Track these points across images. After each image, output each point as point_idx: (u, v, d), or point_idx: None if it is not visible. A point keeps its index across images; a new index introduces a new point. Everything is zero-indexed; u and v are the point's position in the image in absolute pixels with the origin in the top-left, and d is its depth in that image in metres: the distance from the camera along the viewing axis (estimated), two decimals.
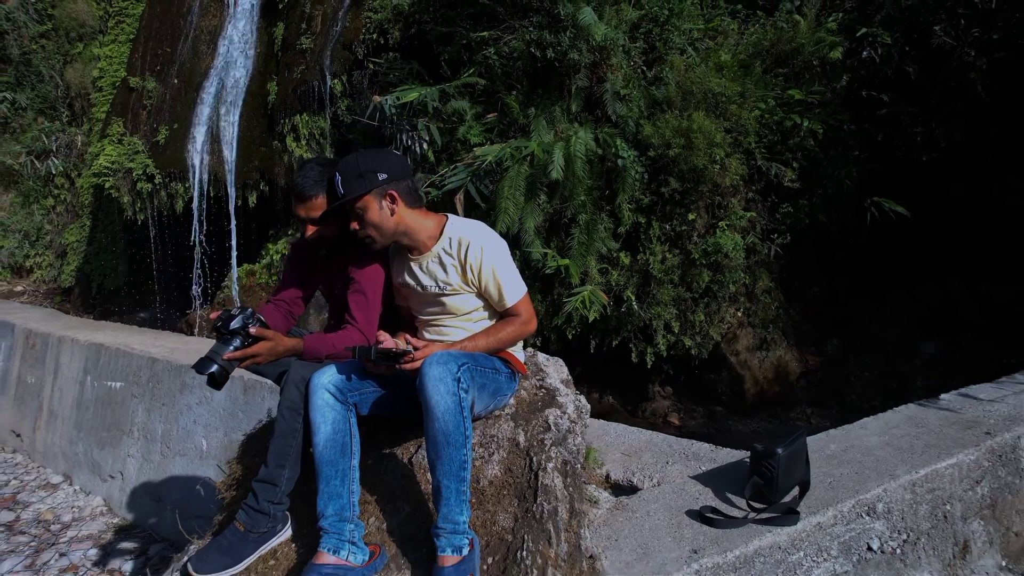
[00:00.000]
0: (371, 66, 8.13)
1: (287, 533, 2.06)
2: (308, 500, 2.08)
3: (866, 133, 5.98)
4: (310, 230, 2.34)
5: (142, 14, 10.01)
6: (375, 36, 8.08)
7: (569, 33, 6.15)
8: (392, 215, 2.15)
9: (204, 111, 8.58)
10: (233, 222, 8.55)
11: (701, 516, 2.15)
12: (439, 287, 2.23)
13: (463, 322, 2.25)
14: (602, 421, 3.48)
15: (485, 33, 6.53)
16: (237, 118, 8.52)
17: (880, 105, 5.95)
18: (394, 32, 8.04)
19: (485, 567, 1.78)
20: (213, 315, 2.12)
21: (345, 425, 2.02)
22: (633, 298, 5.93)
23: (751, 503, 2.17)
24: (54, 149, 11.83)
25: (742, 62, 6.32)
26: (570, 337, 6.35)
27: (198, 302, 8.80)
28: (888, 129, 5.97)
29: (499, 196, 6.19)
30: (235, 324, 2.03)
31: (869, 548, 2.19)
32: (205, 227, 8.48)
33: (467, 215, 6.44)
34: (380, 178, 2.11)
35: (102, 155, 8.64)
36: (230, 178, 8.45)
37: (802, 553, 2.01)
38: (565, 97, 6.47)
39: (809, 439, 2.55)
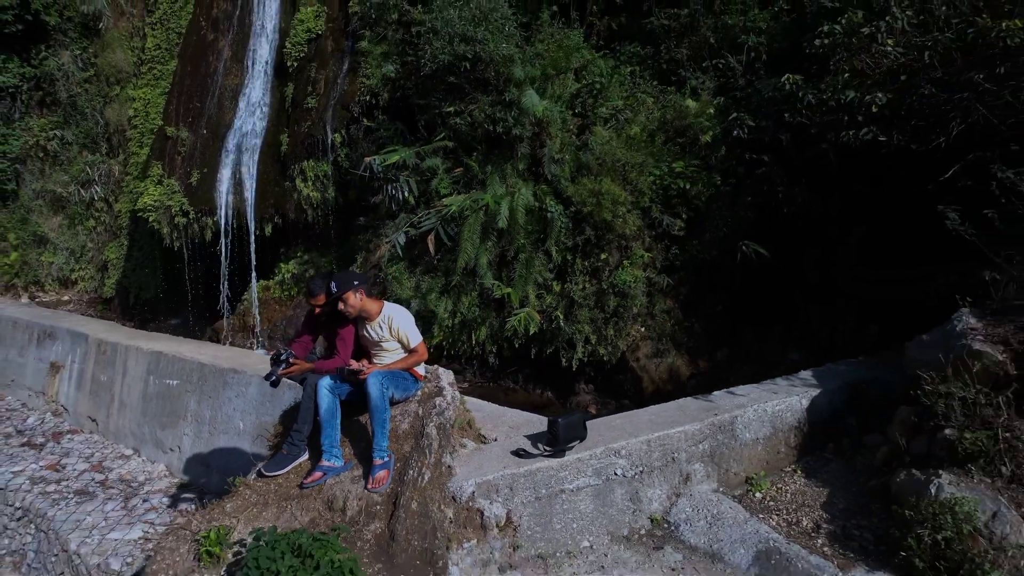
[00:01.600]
0: (365, 122, 10.00)
1: (305, 456, 3.91)
2: (314, 446, 3.95)
3: (742, 190, 7.80)
4: (317, 309, 4.22)
5: (175, 71, 11.90)
6: (368, 98, 9.91)
7: (514, 112, 8.01)
8: (359, 301, 4.00)
9: (228, 158, 10.47)
10: (253, 249, 10.45)
11: (516, 452, 3.99)
12: (379, 338, 4.11)
13: (389, 355, 4.13)
14: (504, 407, 5.39)
15: (451, 108, 8.35)
16: (255, 163, 10.42)
17: (760, 164, 7.74)
18: (383, 95, 9.87)
19: (396, 467, 3.67)
20: (271, 352, 4.00)
21: (335, 405, 3.88)
22: (561, 317, 7.81)
23: (544, 448, 4.03)
24: (95, 178, 13.72)
25: (649, 133, 8.17)
26: (516, 346, 8.24)
27: (227, 315, 10.69)
28: (762, 186, 7.77)
29: (461, 237, 8.08)
30: (283, 356, 3.91)
31: (615, 473, 4.06)
32: (229, 254, 10.38)
33: (436, 252, 8.37)
34: (354, 284, 3.95)
35: (146, 194, 10.55)
36: (250, 213, 10.35)
37: (566, 472, 3.87)
38: (514, 158, 8.33)
39: (608, 416, 4.44)
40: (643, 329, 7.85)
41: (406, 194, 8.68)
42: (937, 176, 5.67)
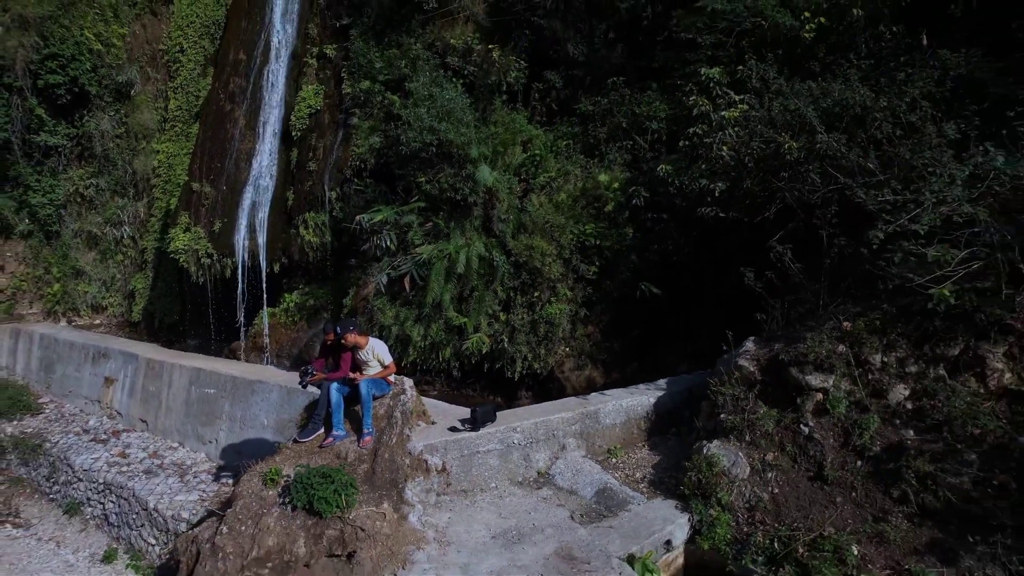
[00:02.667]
0: (356, 183, 12.47)
1: (321, 430, 6.28)
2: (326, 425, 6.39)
3: (646, 242, 10.31)
4: (328, 341, 6.64)
5: (197, 135, 14.36)
6: (358, 163, 12.40)
7: (470, 183, 10.51)
8: (354, 338, 6.42)
9: (244, 210, 12.91)
10: (264, 283, 12.87)
11: (450, 428, 6.42)
12: (366, 359, 6.55)
13: (372, 369, 6.55)
14: (450, 404, 7.84)
15: (423, 178, 10.82)
16: (267, 215, 12.86)
17: (660, 222, 10.27)
18: (370, 161, 12.34)
19: (376, 435, 6.10)
20: (300, 368, 6.43)
21: (340, 399, 6.28)
22: (506, 340, 10.27)
23: (467, 426, 6.48)
24: (124, 219, 16.10)
25: (573, 199, 10.71)
26: (473, 362, 10.69)
27: (243, 337, 13.06)
28: (659, 240, 10.29)
29: (430, 279, 10.54)
30: (309, 370, 6.33)
31: (513, 442, 6.52)
32: (245, 290, 12.78)
33: (411, 289, 10.81)
34: (350, 328, 6.38)
35: (176, 239, 12.95)
36: (262, 255, 12.77)
37: (480, 441, 6.30)
38: (471, 217, 10.81)
39: (517, 408, 6.93)
40: (567, 349, 10.34)
41: (388, 243, 11.11)
42: (763, 240, 8.15)
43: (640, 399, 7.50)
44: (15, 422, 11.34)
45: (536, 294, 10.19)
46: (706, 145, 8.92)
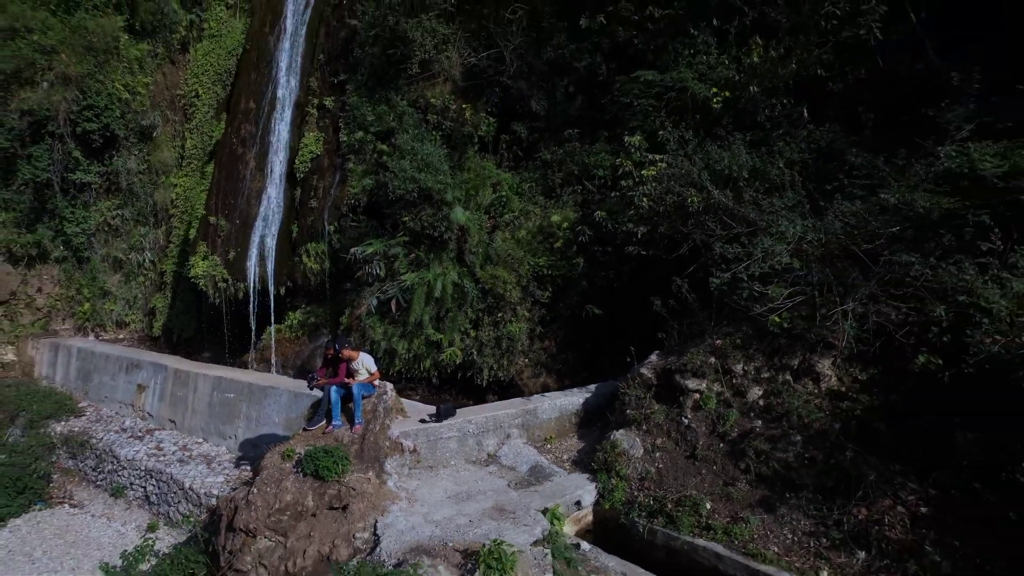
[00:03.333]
0: (351, 218, 14.60)
1: (323, 421, 8.31)
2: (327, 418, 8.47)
3: (593, 270, 12.42)
4: (328, 355, 8.72)
5: (213, 174, 16.48)
6: (353, 202, 14.53)
7: (446, 222, 12.64)
8: (348, 352, 8.49)
9: (255, 241, 15.02)
10: (272, 304, 14.96)
11: (421, 420, 8.47)
12: (357, 368, 8.63)
13: (362, 376, 8.58)
14: (423, 404, 9.93)
15: (407, 217, 12.94)
16: (274, 245, 14.98)
17: (605, 254, 12.40)
18: (363, 200, 14.47)
19: (364, 424, 8.18)
20: (308, 377, 8.51)
21: (338, 398, 8.32)
22: (475, 353, 12.38)
23: (433, 419, 8.55)
24: (146, 245, 18.19)
25: (532, 235, 12.85)
26: (449, 372, 12.79)
27: (254, 351, 15.14)
28: (603, 269, 12.42)
29: (412, 302, 12.65)
30: (315, 377, 8.40)
31: (468, 431, 8.59)
32: (255, 309, 14.87)
33: (397, 310, 12.90)
34: (346, 345, 8.44)
35: (196, 266, 15.04)
36: (270, 279, 14.87)
37: (443, 430, 8.33)
38: (446, 250, 12.95)
39: (474, 406, 9.04)
40: (526, 360, 12.46)
41: (378, 271, 13.25)
42: (678, 273, 10.22)
43: (572, 399, 9.62)
44: (62, 423, 13.39)
45: (500, 315, 12.32)
46: (629, 197, 11.12)
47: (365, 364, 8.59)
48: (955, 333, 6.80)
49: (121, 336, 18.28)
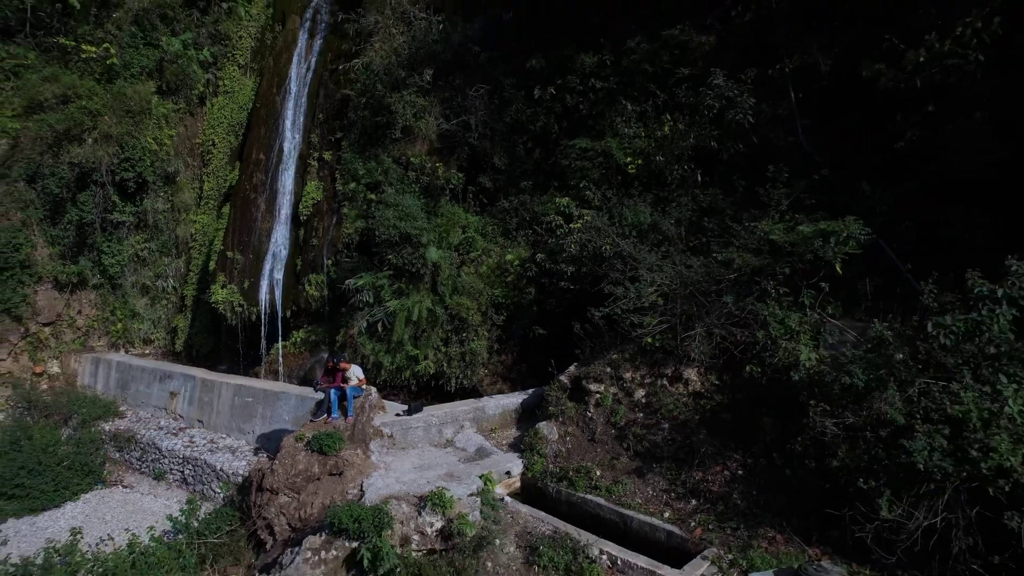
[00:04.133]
0: (345, 254, 17.68)
1: (325, 414, 11.29)
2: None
3: (540, 299, 15.51)
4: (329, 366, 11.76)
5: (230, 215, 19.54)
6: (347, 241, 17.60)
7: (421, 259, 15.74)
8: (342, 364, 11.51)
9: (266, 273, 18.08)
10: (280, 324, 18.00)
11: (396, 415, 11.50)
12: (350, 376, 11.68)
13: (353, 381, 11.65)
14: (399, 403, 12.99)
15: (391, 255, 16.02)
16: (282, 276, 18.05)
17: (549, 286, 15.51)
18: (356, 239, 17.56)
19: (354, 416, 11.20)
20: (314, 382, 11.56)
21: (336, 397, 11.36)
22: (445, 365, 15.46)
23: (405, 413, 11.57)
24: (169, 274, 21.22)
25: (492, 270, 15.96)
26: (425, 380, 15.85)
27: (264, 364, 18.15)
28: (548, 299, 15.52)
29: (395, 324, 15.73)
30: (319, 382, 11.44)
31: (431, 423, 11.64)
32: (265, 329, 17.92)
33: (383, 331, 15.97)
34: (342, 358, 11.47)
35: (216, 294, 18.08)
36: (278, 304, 17.93)
37: (413, 421, 11.33)
38: (423, 282, 16.05)
39: (439, 405, 12.13)
40: (486, 371, 15.54)
41: (367, 299, 16.30)
42: (597, 304, 13.29)
43: (513, 400, 12.71)
44: (109, 423, 16.35)
45: (464, 334, 15.41)
46: (562, 244, 14.27)
47: (356, 373, 11.66)
48: (769, 349, 9.89)
49: (147, 351, 21.25)
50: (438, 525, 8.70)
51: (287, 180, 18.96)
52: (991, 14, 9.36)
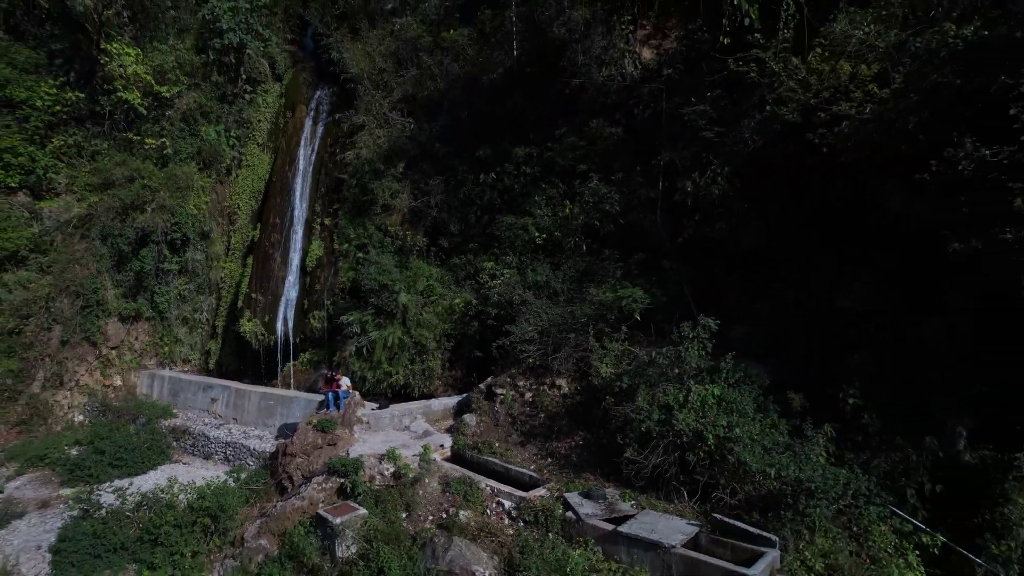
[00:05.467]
0: (340, 297, 23.95)
1: (325, 410, 17.45)
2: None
3: (481, 330, 21.73)
4: (328, 375, 17.92)
5: (253, 265, 25.77)
6: (342, 287, 23.89)
7: (394, 300, 22.00)
8: (336, 375, 17.66)
9: (281, 310, 24.32)
10: (292, 348, 24.23)
11: (372, 409, 17.64)
12: (342, 384, 17.86)
13: (344, 387, 17.86)
14: (373, 402, 19.23)
15: (374, 299, 22.26)
16: (293, 312, 24.30)
17: (482, 322, 21.77)
18: (348, 286, 23.85)
19: (345, 409, 17.37)
20: (319, 388, 17.75)
21: (332, 398, 17.50)
22: (411, 379, 21.68)
23: (378, 408, 17.72)
24: (204, 308, 27.48)
25: (445, 310, 22.24)
26: (396, 389, 22.04)
27: (280, 377, 24.30)
28: (482, 330, 21.76)
29: (375, 349, 21.96)
30: (321, 387, 17.58)
31: (395, 415, 17.84)
32: (280, 352, 24.12)
33: (367, 354, 22.24)
34: (336, 371, 17.59)
35: (244, 326, 24.29)
36: (290, 334, 24.17)
37: (382, 414, 17.55)
38: (395, 318, 22.31)
39: (402, 404, 18.39)
40: (440, 382, 21.75)
41: (356, 330, 22.54)
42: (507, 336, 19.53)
43: (451, 400, 18.92)
44: (167, 420, 22.45)
45: (424, 356, 21.63)
46: (488, 295, 20.52)
47: (346, 382, 17.85)
48: (593, 367, 16.08)
49: (187, 368, 27.39)
50: (391, 470, 14.87)
51: (297, 239, 25.27)
52: (724, 164, 15.78)
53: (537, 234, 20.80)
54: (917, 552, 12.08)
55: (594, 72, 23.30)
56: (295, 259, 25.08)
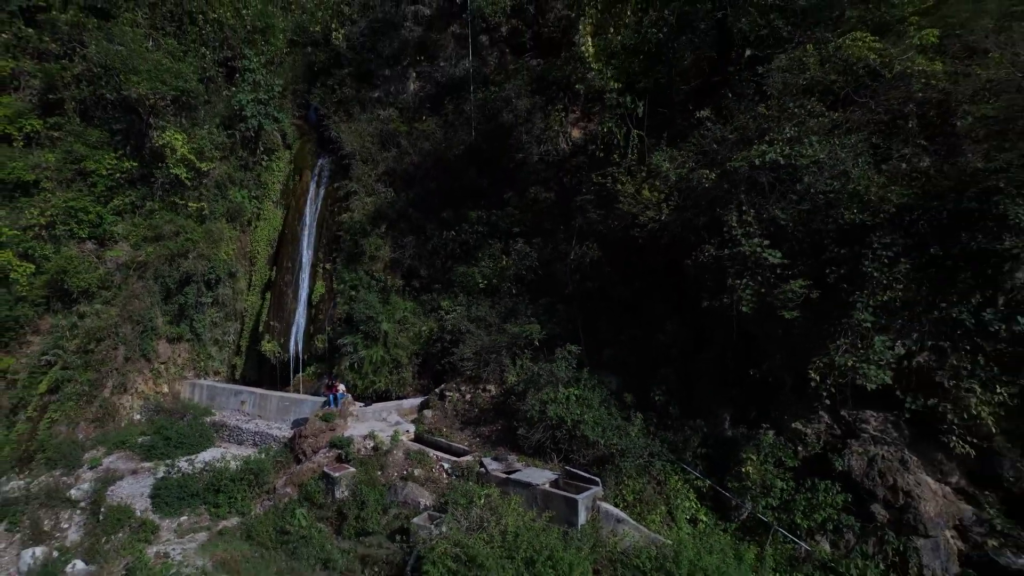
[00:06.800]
0: (338, 324, 31.77)
1: (327, 407, 25.13)
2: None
3: (439, 350, 29.53)
4: (328, 382, 25.63)
5: (271, 299, 33.49)
6: (339, 317, 31.70)
7: (381, 329, 29.83)
8: (337, 383, 25.35)
9: (293, 334, 32.07)
10: (301, 362, 32.01)
11: (360, 406, 25.36)
12: (340, 388, 25.63)
13: (341, 391, 25.61)
14: (363, 402, 27.02)
15: (362, 326, 30.05)
16: (301, 336, 32.08)
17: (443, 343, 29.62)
18: (343, 316, 31.67)
19: (341, 407, 25.10)
20: (323, 392, 25.52)
21: (333, 398, 25.20)
22: (391, 384, 29.48)
23: (364, 406, 25.45)
24: (231, 332, 35.27)
25: (416, 334, 30.08)
26: (379, 391, 29.82)
27: (291, 385, 32.03)
28: (444, 351, 29.62)
29: (364, 363, 29.76)
30: (323, 391, 25.28)
31: (377, 409, 25.58)
32: (292, 365, 31.88)
33: (359, 367, 30.09)
34: (335, 379, 25.27)
35: (265, 346, 32.05)
36: (300, 352, 31.94)
37: (367, 409, 25.29)
38: (379, 341, 30.12)
39: (383, 403, 26.26)
40: (411, 388, 29.56)
41: (350, 350, 30.34)
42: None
43: (417, 400, 26.76)
44: (208, 418, 30.08)
45: (400, 369, 29.43)
46: (443, 325, 28.38)
47: (342, 387, 25.62)
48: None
49: (217, 378, 35.06)
50: (372, 445, 22.63)
51: (304, 279, 33.09)
52: (595, 240, 23.74)
53: (481, 280, 28.63)
54: (694, 492, 19.73)
55: (534, 148, 31.30)
56: (303, 295, 32.85)
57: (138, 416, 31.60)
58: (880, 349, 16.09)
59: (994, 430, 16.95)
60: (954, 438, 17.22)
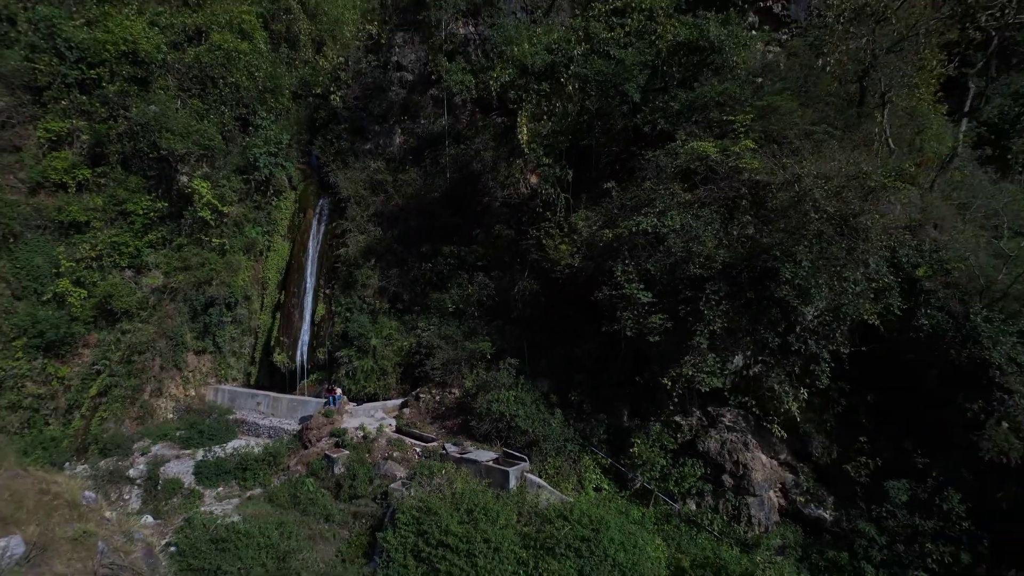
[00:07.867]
0: (336, 338, 38.91)
1: (328, 406, 32.17)
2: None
3: (418, 360, 36.66)
4: (328, 387, 32.72)
5: (281, 318, 40.54)
6: (337, 333, 38.84)
7: (373, 344, 36.95)
8: (335, 387, 32.42)
9: (299, 348, 39.15)
10: (306, 371, 39.12)
11: (353, 405, 32.41)
12: (337, 392, 32.75)
13: (339, 392, 32.72)
14: (355, 402, 34.15)
15: (355, 341, 37.16)
16: (306, 350, 39.18)
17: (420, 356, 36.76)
18: (340, 332, 38.79)
19: (338, 405, 32.19)
20: (324, 396, 32.66)
21: (332, 399, 32.26)
22: (378, 389, 36.60)
23: (356, 405, 32.49)
24: (247, 345, 42.40)
25: (399, 349, 37.24)
26: (369, 394, 36.92)
27: (298, 389, 39.10)
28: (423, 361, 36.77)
29: (357, 372, 36.88)
30: (324, 394, 32.37)
31: (367, 409, 32.66)
32: (298, 373, 38.98)
33: (354, 375, 37.25)
34: (334, 384, 32.33)
35: (276, 358, 39.13)
36: (305, 362, 39.05)
37: (359, 407, 32.37)
38: (369, 354, 37.26)
39: (371, 403, 33.42)
40: (395, 392, 36.68)
41: (346, 360, 37.46)
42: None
43: (398, 401, 33.87)
44: (230, 416, 37.05)
45: (386, 376, 36.53)
46: (420, 341, 35.56)
47: (339, 390, 32.72)
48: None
49: (235, 384, 42.04)
50: (362, 435, 29.75)
51: (308, 302, 40.22)
52: (533, 277, 31.02)
53: (451, 305, 35.75)
54: (599, 467, 26.85)
55: (498, 193, 38.38)
56: (307, 315, 39.94)
57: (171, 415, 38.60)
58: (711, 363, 23.29)
59: (798, 419, 24.13)
60: (775, 426, 24.37)
